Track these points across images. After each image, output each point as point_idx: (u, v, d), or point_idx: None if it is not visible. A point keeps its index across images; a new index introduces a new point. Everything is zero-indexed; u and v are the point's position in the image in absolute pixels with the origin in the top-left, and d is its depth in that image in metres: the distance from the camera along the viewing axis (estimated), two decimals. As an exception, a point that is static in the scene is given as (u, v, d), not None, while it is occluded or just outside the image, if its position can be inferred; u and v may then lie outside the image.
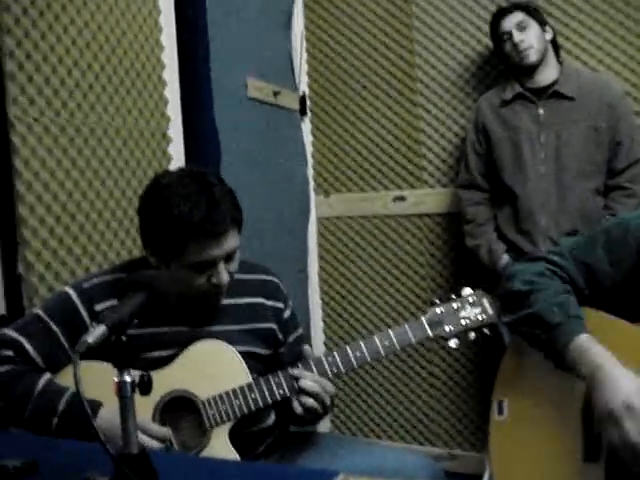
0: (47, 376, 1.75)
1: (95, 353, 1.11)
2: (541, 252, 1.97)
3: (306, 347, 1.94)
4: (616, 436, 1.52)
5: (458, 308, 1.92)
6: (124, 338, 1.09)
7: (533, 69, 3.02)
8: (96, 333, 1.06)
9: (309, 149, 3.90)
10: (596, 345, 1.62)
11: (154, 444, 1.67)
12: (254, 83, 3.25)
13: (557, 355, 1.68)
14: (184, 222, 1.73)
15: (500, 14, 3.07)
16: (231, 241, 1.81)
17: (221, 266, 1.81)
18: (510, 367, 1.88)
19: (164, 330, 1.84)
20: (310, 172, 3.91)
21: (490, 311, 1.91)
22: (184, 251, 1.77)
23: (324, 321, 3.96)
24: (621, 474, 1.57)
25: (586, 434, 1.66)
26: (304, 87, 3.84)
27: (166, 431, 1.72)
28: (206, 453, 1.77)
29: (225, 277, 1.82)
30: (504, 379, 1.88)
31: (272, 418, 1.97)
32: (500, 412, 1.84)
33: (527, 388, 1.81)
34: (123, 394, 1.09)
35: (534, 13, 3.04)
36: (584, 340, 1.64)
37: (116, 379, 1.09)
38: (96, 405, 1.67)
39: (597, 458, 1.63)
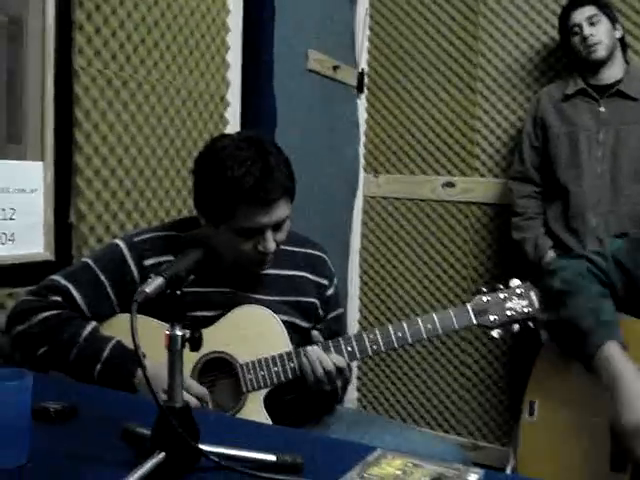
0: (94, 323, 1.78)
1: (140, 307, 1.11)
2: (585, 251, 1.95)
3: (314, 332, 1.93)
4: (629, 450, 1.50)
5: (505, 298, 1.91)
6: (179, 292, 1.10)
7: (599, 65, 2.96)
8: (154, 284, 1.06)
9: (363, 127, 3.88)
10: (621, 355, 1.59)
11: (192, 401, 1.68)
12: (315, 55, 3.24)
13: (586, 360, 1.66)
14: (236, 186, 1.73)
15: (571, 6, 3.01)
16: (281, 210, 1.80)
17: (269, 234, 1.80)
18: (544, 367, 1.88)
19: (209, 291, 1.85)
20: (361, 150, 3.89)
21: (537, 305, 1.89)
22: (233, 215, 1.76)
23: (360, 300, 3.96)
24: None
25: (614, 443, 1.64)
26: (363, 64, 3.83)
27: (205, 390, 1.73)
28: (240, 416, 1.78)
29: (272, 245, 1.81)
30: (537, 379, 1.87)
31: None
32: (531, 412, 1.83)
33: (559, 391, 1.80)
34: (173, 347, 1.09)
35: (606, 9, 2.98)
36: (610, 348, 1.60)
37: (167, 332, 1.10)
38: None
39: (624, 468, 1.62)
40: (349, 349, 1.85)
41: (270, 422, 1.77)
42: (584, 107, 3.02)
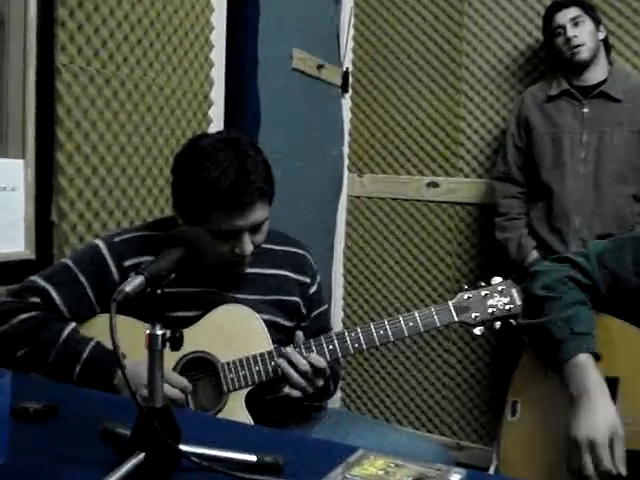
0: (73, 324, 1.76)
1: (119, 307, 1.10)
2: (569, 253, 1.97)
3: (297, 332, 1.93)
4: (576, 463, 1.57)
5: (486, 296, 1.91)
6: (159, 291, 1.09)
7: (582, 67, 2.97)
8: (134, 283, 1.05)
9: (347, 126, 3.88)
10: (590, 368, 1.63)
11: (175, 393, 1.67)
12: (299, 54, 3.23)
13: (557, 368, 1.70)
14: (210, 188, 1.72)
15: (555, 7, 3.02)
16: (258, 213, 1.78)
17: (245, 237, 1.78)
18: (526, 368, 1.88)
19: (190, 291, 1.84)
20: (346, 150, 3.89)
21: (518, 302, 1.90)
22: (208, 218, 1.75)
23: (344, 299, 3.96)
24: None
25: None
26: (348, 63, 3.82)
27: (186, 382, 1.72)
28: (222, 416, 1.77)
29: (249, 248, 1.79)
30: (520, 379, 1.88)
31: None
32: (513, 413, 1.84)
33: (540, 391, 1.81)
34: (153, 347, 1.08)
35: (590, 10, 2.99)
36: (580, 361, 1.65)
37: (148, 331, 1.09)
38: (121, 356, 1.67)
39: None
40: (331, 347, 1.85)
41: (252, 422, 1.76)
42: (568, 108, 3.03)
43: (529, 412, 1.81)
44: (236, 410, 1.79)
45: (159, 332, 1.09)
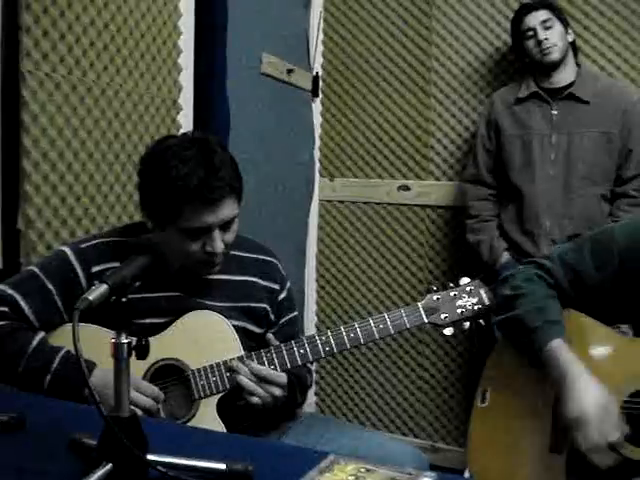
0: (42, 334, 1.74)
1: (89, 316, 1.09)
2: (534, 257, 2.07)
3: (268, 335, 1.93)
4: (579, 438, 1.65)
5: (455, 296, 1.93)
6: (124, 299, 1.08)
7: (551, 69, 2.99)
8: (97, 292, 1.04)
9: (318, 131, 3.87)
10: (567, 352, 1.73)
11: (147, 402, 1.66)
12: (269, 58, 3.22)
13: (533, 355, 1.79)
14: (180, 186, 1.72)
15: (525, 10, 3.04)
16: (228, 209, 1.79)
17: (216, 234, 1.79)
18: (497, 359, 1.97)
19: (158, 296, 1.83)
20: (317, 154, 3.88)
21: (486, 302, 1.94)
22: (179, 216, 1.75)
23: (317, 304, 3.95)
24: (579, 465, 1.68)
25: (554, 428, 1.77)
26: (318, 68, 3.82)
27: (158, 391, 1.70)
28: (193, 423, 1.76)
29: (219, 245, 1.80)
30: (490, 370, 1.96)
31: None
32: (483, 400, 1.92)
33: (509, 379, 1.90)
34: (119, 356, 1.07)
35: (559, 13, 3.01)
36: (557, 345, 1.73)
37: (113, 340, 1.07)
38: (90, 365, 1.66)
39: (561, 450, 1.74)
40: (302, 351, 1.85)
41: (224, 429, 1.76)
42: (537, 110, 3.05)
43: (497, 398, 1.91)
44: (207, 417, 1.78)
45: (125, 340, 1.08)
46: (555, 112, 3.00)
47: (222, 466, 1.13)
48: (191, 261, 1.82)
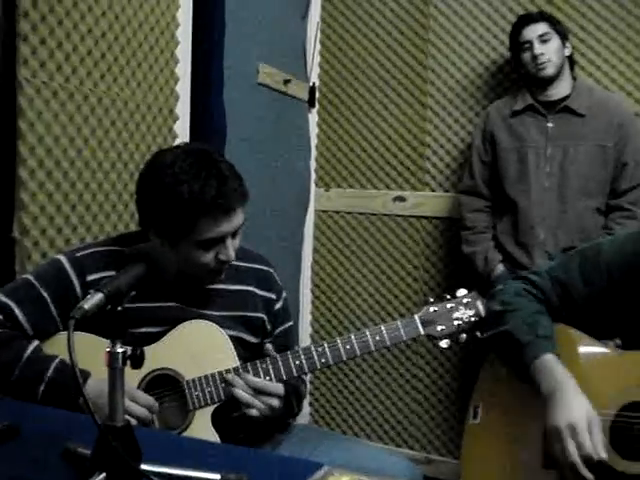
0: (36, 343, 1.73)
1: (84, 324, 1.09)
2: (523, 272, 2.04)
3: (267, 345, 1.92)
4: (559, 452, 1.64)
5: (452, 308, 1.93)
6: (119, 308, 1.08)
7: (547, 82, 3.00)
8: (93, 300, 1.04)
9: (314, 141, 3.88)
10: (558, 366, 1.72)
11: (141, 411, 1.65)
12: (265, 69, 3.23)
13: (523, 370, 1.78)
14: (196, 201, 1.72)
15: (524, 22, 3.04)
16: (240, 216, 1.81)
17: (229, 242, 1.80)
18: (488, 375, 1.97)
19: (154, 306, 1.82)
20: (313, 164, 3.89)
21: (483, 314, 1.92)
22: (194, 229, 1.75)
23: (312, 314, 3.95)
24: None
25: (546, 443, 1.75)
26: (315, 78, 3.83)
27: (153, 400, 1.70)
28: (187, 434, 1.75)
29: (232, 253, 1.81)
30: (482, 385, 1.97)
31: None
32: (475, 416, 1.92)
33: (500, 395, 1.90)
34: (113, 365, 1.07)
35: (557, 26, 3.02)
36: (548, 360, 1.73)
37: (108, 349, 1.07)
38: (85, 374, 1.65)
39: (555, 465, 1.70)
40: (297, 363, 1.84)
41: (218, 439, 1.75)
42: (532, 123, 3.05)
43: (488, 415, 1.90)
44: (202, 428, 1.77)
45: (119, 350, 1.07)
46: (550, 125, 3.01)
47: (216, 476, 1.12)
48: (202, 271, 1.82)
